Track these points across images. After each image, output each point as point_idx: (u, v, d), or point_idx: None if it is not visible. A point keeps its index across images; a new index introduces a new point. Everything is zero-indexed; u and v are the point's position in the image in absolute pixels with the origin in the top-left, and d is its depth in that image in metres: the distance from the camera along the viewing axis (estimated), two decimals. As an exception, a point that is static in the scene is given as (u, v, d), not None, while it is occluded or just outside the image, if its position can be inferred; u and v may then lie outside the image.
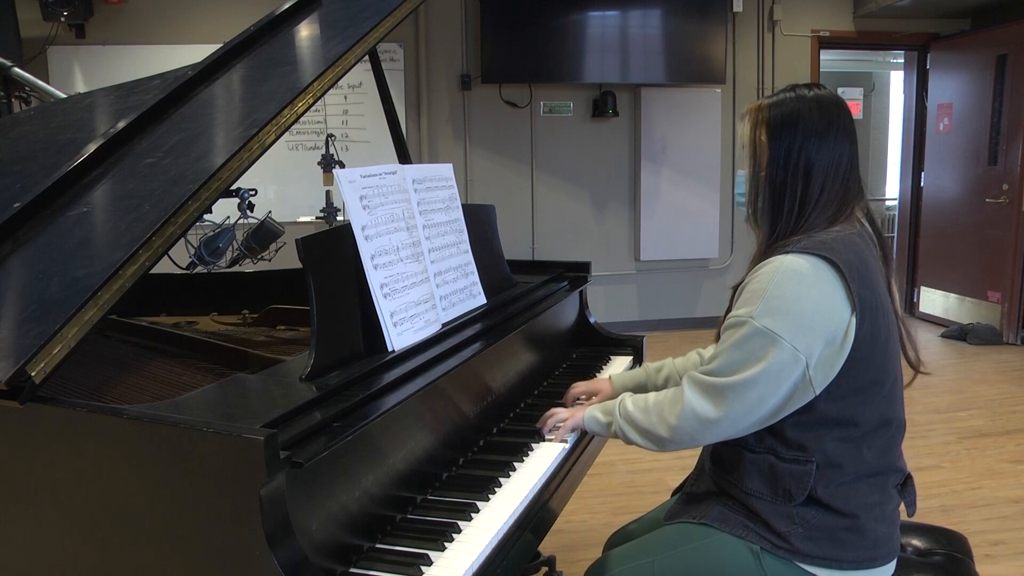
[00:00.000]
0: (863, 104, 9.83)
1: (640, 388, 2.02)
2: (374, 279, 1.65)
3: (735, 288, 1.62)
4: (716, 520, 1.60)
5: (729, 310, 1.60)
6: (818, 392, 1.48)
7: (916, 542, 1.85)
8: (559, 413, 1.87)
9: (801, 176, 1.57)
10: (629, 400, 1.69)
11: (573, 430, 1.85)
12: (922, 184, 7.25)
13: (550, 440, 1.85)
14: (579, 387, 2.06)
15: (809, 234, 1.55)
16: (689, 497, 1.73)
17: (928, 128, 7.11)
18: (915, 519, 1.79)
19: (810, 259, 1.49)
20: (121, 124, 1.87)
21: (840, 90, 9.73)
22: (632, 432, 1.65)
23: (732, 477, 1.62)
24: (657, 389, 1.99)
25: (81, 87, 5.75)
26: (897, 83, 9.55)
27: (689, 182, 6.60)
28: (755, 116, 1.62)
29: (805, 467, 1.53)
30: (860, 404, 1.52)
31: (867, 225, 1.62)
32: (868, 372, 1.51)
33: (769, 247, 1.59)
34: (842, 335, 1.47)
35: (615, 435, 1.71)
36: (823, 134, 1.57)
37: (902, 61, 7.56)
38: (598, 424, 1.76)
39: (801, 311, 1.46)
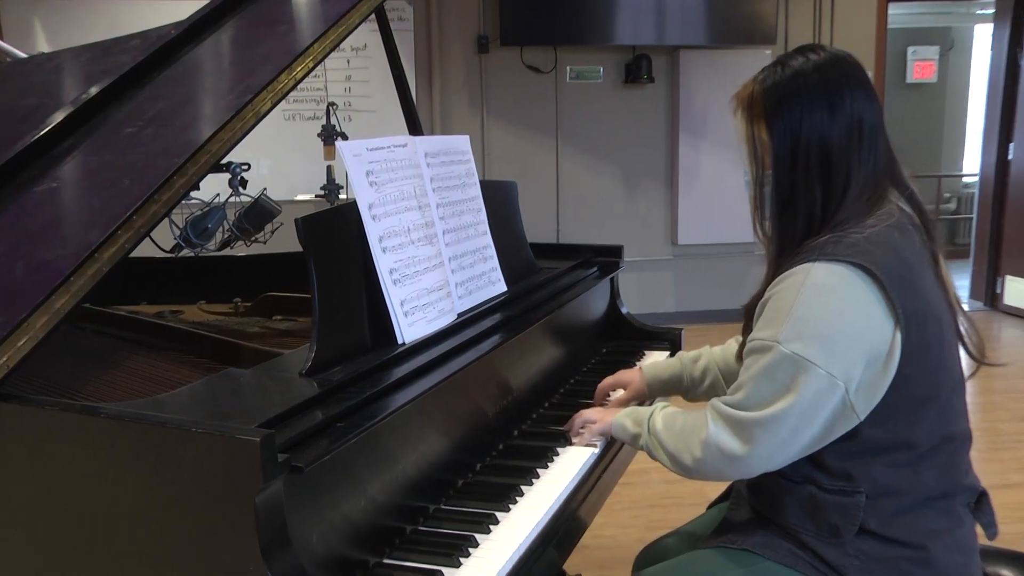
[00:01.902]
0: (938, 65, 9.71)
1: (675, 381, 2.01)
2: (382, 264, 1.65)
3: (748, 307, 1.58)
4: (760, 547, 1.57)
5: (747, 329, 1.57)
6: (862, 418, 1.44)
7: (1005, 572, 1.79)
8: (588, 414, 1.87)
9: (817, 166, 1.49)
10: (660, 416, 1.67)
11: (601, 435, 1.85)
12: (1009, 157, 7.02)
13: (575, 444, 1.85)
14: (607, 381, 2.06)
15: (837, 233, 1.47)
16: (728, 521, 1.71)
17: (1020, 91, 6.87)
18: (1001, 544, 1.71)
19: (841, 268, 1.42)
20: (95, 89, 1.87)
21: (911, 49, 9.64)
22: (660, 452, 1.64)
23: (771, 508, 1.60)
24: (694, 382, 1.99)
25: (44, 46, 5.74)
26: (982, 38, 9.38)
27: (733, 157, 6.55)
28: (748, 110, 1.55)
29: (852, 499, 1.49)
30: (913, 424, 1.47)
31: (904, 206, 1.55)
32: (920, 388, 1.46)
33: (785, 258, 1.52)
34: (885, 353, 1.41)
35: (642, 448, 1.71)
36: (835, 100, 1.48)
37: (990, 12, 7.34)
38: (626, 433, 1.75)
39: (835, 331, 1.40)
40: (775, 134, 1.52)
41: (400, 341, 1.66)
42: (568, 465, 1.77)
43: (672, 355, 2.55)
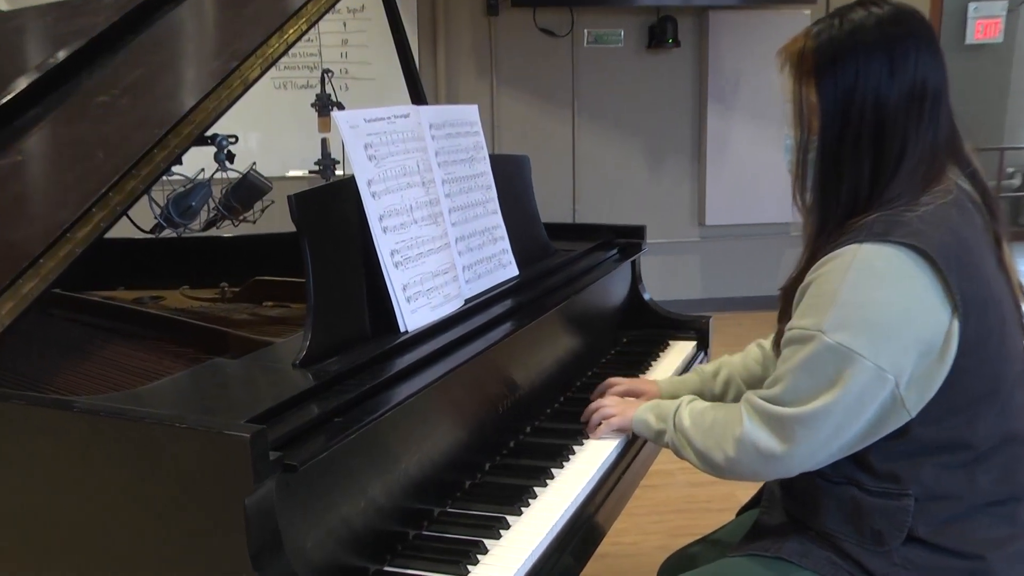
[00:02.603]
0: (1004, 23, 9.58)
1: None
2: (383, 245, 1.65)
3: (786, 290, 1.57)
4: (795, 555, 1.57)
5: (784, 315, 1.56)
6: (913, 415, 1.42)
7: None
8: (607, 407, 1.87)
9: (870, 134, 1.46)
10: (687, 411, 1.67)
11: (620, 431, 1.85)
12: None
13: (591, 439, 1.86)
14: (619, 386, 2.05)
15: (886, 211, 1.45)
16: (759, 526, 1.71)
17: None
18: None
19: (892, 249, 1.40)
20: (63, 53, 1.87)
21: (972, 6, 9.53)
22: (687, 450, 1.64)
23: (807, 512, 1.59)
24: (715, 398, 1.97)
25: (1, 4, 5.72)
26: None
27: (767, 129, 6.54)
28: (797, 66, 1.52)
29: (899, 502, 1.48)
30: (970, 421, 1.45)
31: (965, 184, 1.53)
32: (978, 382, 1.44)
33: (827, 236, 1.50)
34: (941, 343, 1.39)
35: (667, 446, 1.71)
36: (896, 60, 1.44)
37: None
38: (649, 430, 1.75)
39: (885, 319, 1.39)
40: (825, 95, 1.49)
41: (402, 329, 1.66)
42: (585, 465, 1.77)
43: (699, 345, 2.55)
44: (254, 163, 2.65)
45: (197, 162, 2.32)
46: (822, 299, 1.43)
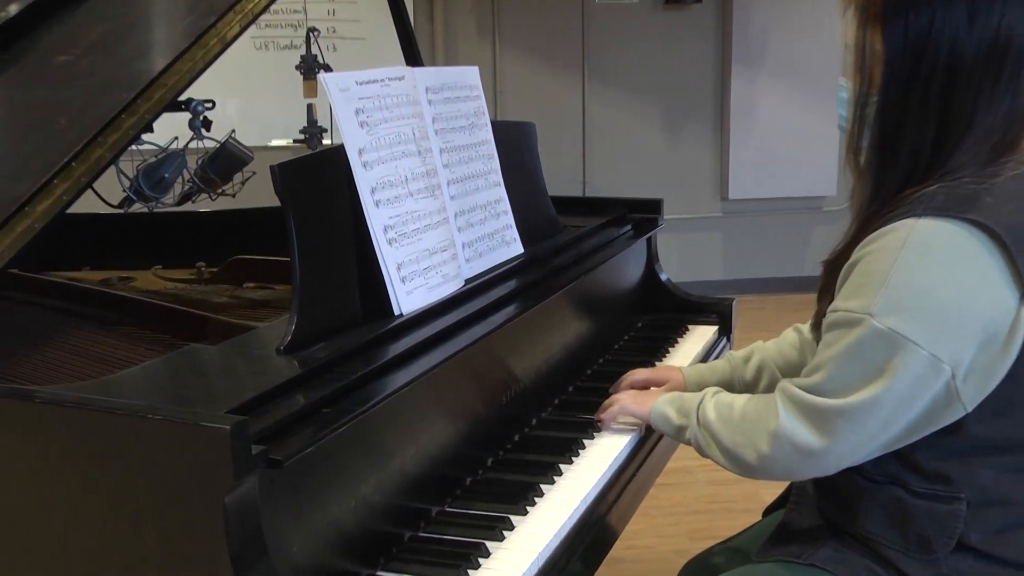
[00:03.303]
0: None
1: (724, 385, 1.94)
2: (376, 220, 1.65)
3: (831, 264, 1.55)
4: (829, 561, 1.56)
5: (825, 293, 1.55)
6: (969, 410, 1.40)
7: None
8: (624, 401, 1.87)
9: (939, 92, 1.42)
10: (712, 404, 1.66)
11: (636, 425, 1.85)
12: None
13: (604, 434, 1.86)
14: (638, 375, 2.05)
15: (948, 182, 1.42)
16: (787, 528, 1.70)
17: None
18: None
19: (954, 226, 1.37)
20: (15, 7, 1.86)
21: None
22: (712, 448, 1.64)
23: (844, 514, 1.58)
24: (746, 386, 1.96)
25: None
26: None
27: (797, 94, 6.53)
28: (863, 9, 1.48)
29: (950, 506, 1.47)
30: None
31: None
32: None
33: (880, 205, 1.48)
34: (1005, 332, 1.37)
35: (689, 443, 1.70)
36: (978, 7, 1.39)
37: None
38: (669, 425, 1.74)
39: (943, 304, 1.36)
40: (893, 42, 1.44)
41: (396, 312, 1.66)
42: (596, 460, 1.78)
43: (721, 330, 2.55)
44: (233, 131, 2.64)
45: (170, 130, 2.32)
46: (872, 279, 1.40)
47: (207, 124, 2.45)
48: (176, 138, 2.42)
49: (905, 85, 1.45)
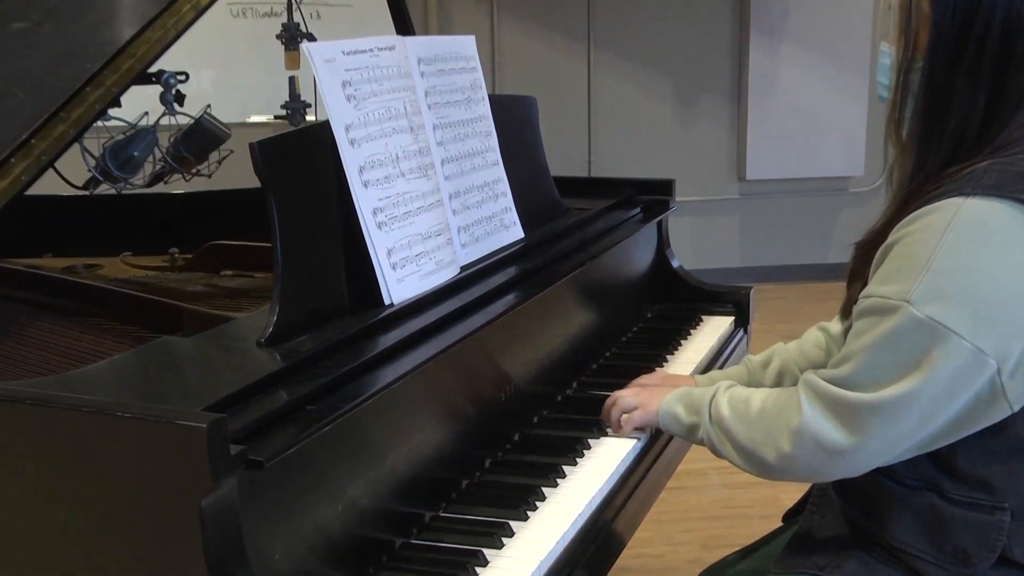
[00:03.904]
0: None
1: None
2: (364, 202, 1.66)
3: (864, 245, 1.54)
4: (854, 575, 1.57)
5: (856, 276, 1.55)
6: (1016, 409, 1.40)
7: None
8: (626, 398, 1.87)
9: (992, 59, 1.41)
10: (725, 399, 1.65)
11: (643, 425, 1.84)
12: None
13: (611, 435, 1.87)
14: (645, 382, 2.02)
15: (999, 158, 1.42)
16: (809, 536, 1.69)
17: None
18: None
19: (1007, 206, 1.35)
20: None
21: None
22: (726, 446, 1.63)
23: (872, 521, 1.58)
24: None
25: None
26: None
27: (823, 66, 6.52)
28: None
29: (991, 516, 1.47)
30: None
31: None
32: None
33: (923, 182, 1.47)
34: None
35: (701, 442, 1.70)
36: None
37: None
38: (678, 424, 1.74)
39: (990, 292, 1.35)
40: (939, 7, 1.44)
41: (387, 301, 1.67)
42: (602, 461, 1.78)
43: (738, 321, 2.55)
44: (208, 106, 2.65)
45: (139, 104, 2.32)
46: (911, 262, 1.39)
47: (180, 98, 2.46)
48: (146, 113, 2.42)
49: (954, 48, 1.44)
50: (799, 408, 1.49)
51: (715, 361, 2.37)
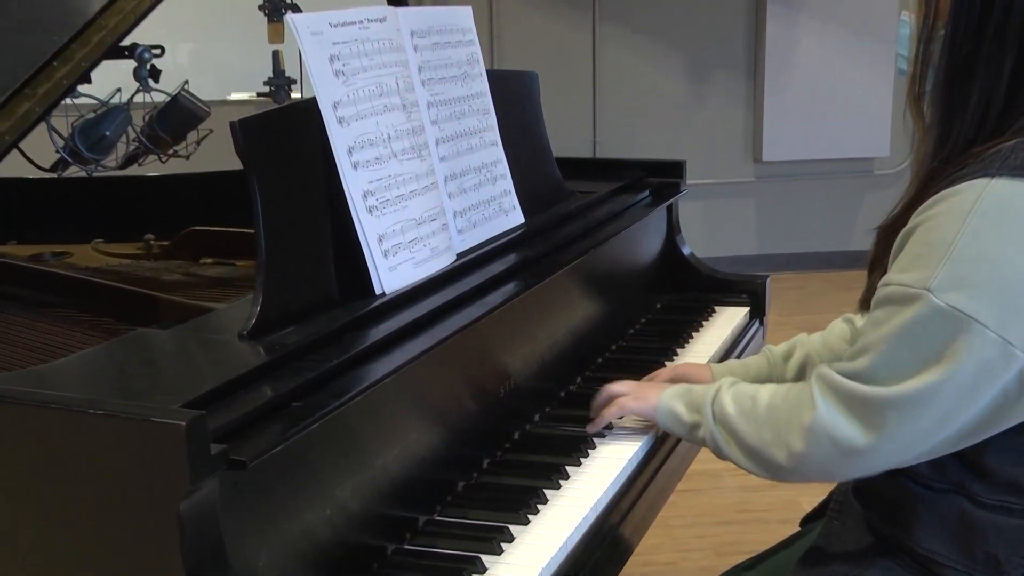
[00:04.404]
0: None
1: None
2: (353, 185, 1.66)
3: (885, 230, 1.55)
4: None
5: (877, 263, 1.55)
6: None
7: None
8: (620, 391, 1.85)
9: (1019, 24, 1.41)
10: (730, 396, 1.65)
11: (638, 415, 1.83)
12: None
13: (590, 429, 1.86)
14: (662, 373, 2.04)
15: None
16: (828, 542, 1.70)
17: None
18: None
19: None
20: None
21: None
22: (731, 447, 1.63)
23: (897, 526, 1.58)
24: None
25: None
26: None
27: (846, 38, 6.51)
28: None
29: (1023, 522, 1.48)
30: None
31: None
32: None
33: (945, 162, 1.47)
34: None
35: (702, 443, 1.70)
36: None
37: None
38: (678, 423, 1.73)
39: (1017, 278, 1.36)
40: None
41: (378, 291, 1.67)
42: (608, 462, 1.79)
43: (753, 312, 2.56)
44: (186, 82, 2.65)
45: (111, 80, 2.32)
46: (932, 248, 1.39)
47: (155, 74, 2.46)
48: (119, 90, 2.42)
49: (979, 13, 1.44)
50: (812, 403, 1.49)
51: (728, 355, 2.38)
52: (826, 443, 1.48)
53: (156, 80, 2.46)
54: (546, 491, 1.67)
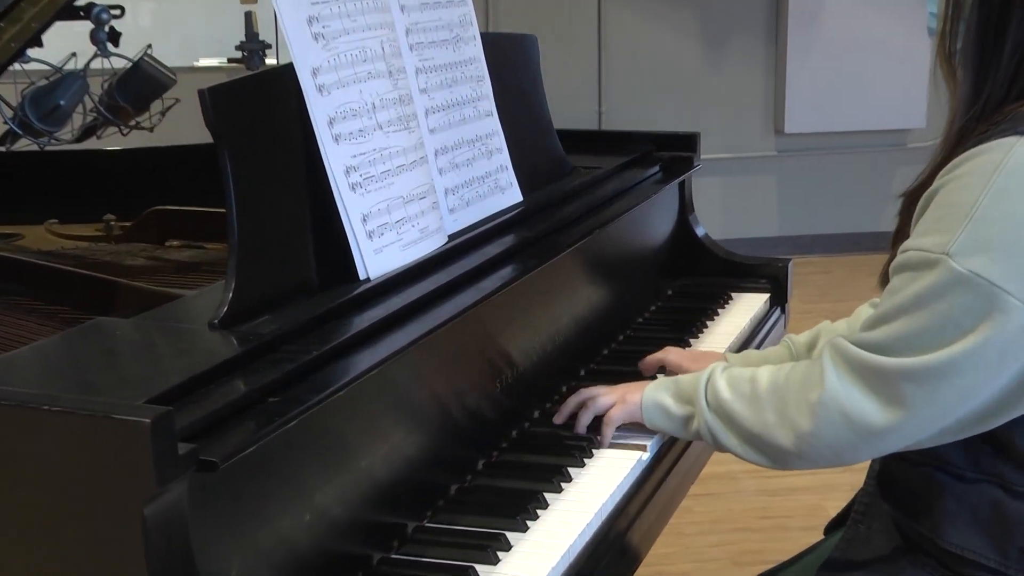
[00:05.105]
0: None
1: None
2: (335, 159, 1.66)
3: (910, 195, 1.56)
4: None
5: (900, 237, 1.55)
6: None
7: None
8: (599, 397, 1.84)
9: None
10: (723, 381, 1.65)
11: (623, 422, 1.83)
12: None
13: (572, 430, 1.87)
14: (671, 356, 2.05)
15: None
16: (854, 542, 1.71)
17: None
18: None
19: None
20: None
21: None
22: (728, 435, 1.64)
23: (923, 520, 1.59)
24: None
25: None
26: None
27: (874, 2, 6.53)
28: None
29: None
30: None
31: None
32: None
33: (976, 119, 1.49)
34: None
35: (697, 437, 1.70)
36: None
37: None
38: (667, 417, 1.74)
39: None
40: None
41: (362, 275, 1.67)
42: (614, 463, 1.79)
43: (774, 299, 2.56)
44: (149, 46, 2.65)
45: (65, 43, 2.33)
46: (953, 211, 1.40)
47: (115, 37, 2.46)
48: (74, 55, 2.42)
49: None
50: (822, 378, 1.50)
51: (747, 346, 2.39)
52: (838, 419, 1.49)
53: (116, 44, 2.46)
54: (546, 495, 1.68)
